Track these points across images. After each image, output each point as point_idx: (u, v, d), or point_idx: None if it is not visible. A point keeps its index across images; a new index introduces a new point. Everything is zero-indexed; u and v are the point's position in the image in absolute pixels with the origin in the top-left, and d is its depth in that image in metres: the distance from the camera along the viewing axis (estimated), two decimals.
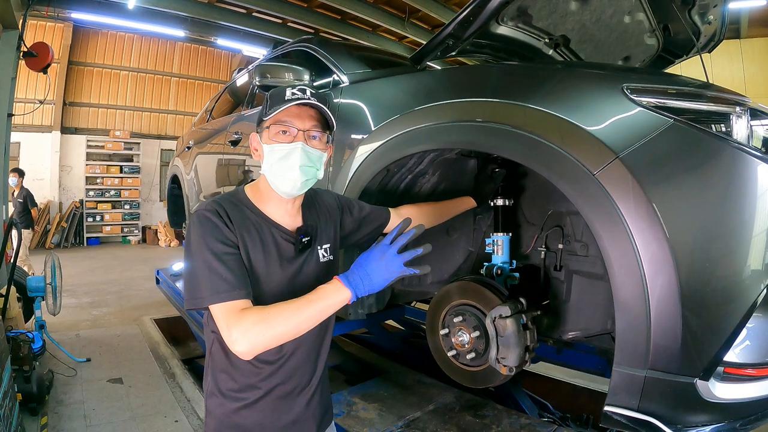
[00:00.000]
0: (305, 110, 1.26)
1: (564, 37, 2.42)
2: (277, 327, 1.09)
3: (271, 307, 1.12)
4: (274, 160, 1.25)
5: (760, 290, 1.23)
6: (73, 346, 4.54)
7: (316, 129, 1.28)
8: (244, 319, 1.09)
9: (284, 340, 1.14)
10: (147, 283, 7.08)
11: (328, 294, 1.14)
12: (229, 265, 1.15)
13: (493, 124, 1.53)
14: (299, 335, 1.16)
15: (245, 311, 1.11)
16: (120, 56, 12.55)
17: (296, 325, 1.11)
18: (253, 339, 1.08)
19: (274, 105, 1.24)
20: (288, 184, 1.25)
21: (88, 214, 12.27)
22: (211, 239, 1.17)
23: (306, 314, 1.12)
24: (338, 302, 1.14)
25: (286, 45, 3.38)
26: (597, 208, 1.29)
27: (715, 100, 1.32)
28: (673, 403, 1.24)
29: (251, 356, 1.13)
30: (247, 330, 1.08)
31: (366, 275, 1.15)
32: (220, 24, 10.52)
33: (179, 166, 5.22)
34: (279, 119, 1.25)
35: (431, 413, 2.38)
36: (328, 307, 1.14)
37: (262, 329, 1.08)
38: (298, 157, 1.24)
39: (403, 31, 10.58)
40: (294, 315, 1.10)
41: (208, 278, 1.13)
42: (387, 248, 1.17)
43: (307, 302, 1.12)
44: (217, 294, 1.12)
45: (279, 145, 1.25)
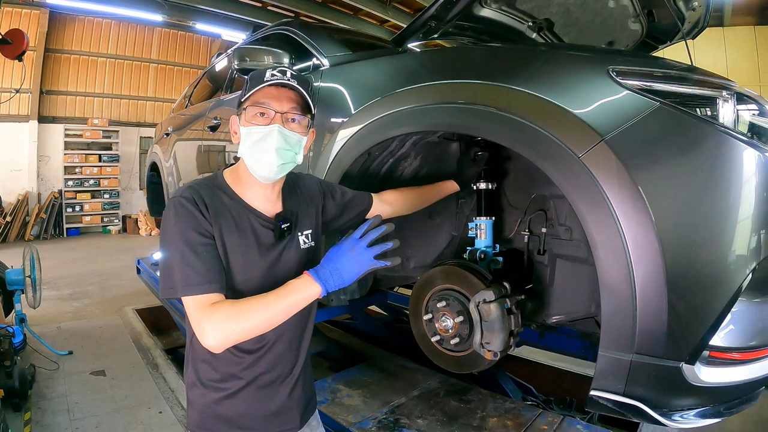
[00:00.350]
0: (284, 92, 1.22)
1: (548, 20, 2.40)
2: (247, 322, 1.09)
3: (242, 302, 1.11)
4: (250, 143, 1.22)
5: (746, 275, 1.23)
6: (55, 339, 4.46)
7: (294, 111, 1.24)
8: (215, 314, 1.08)
9: (255, 334, 1.14)
10: (128, 273, 6.97)
11: (298, 289, 1.13)
12: (203, 257, 1.13)
13: (478, 106, 1.50)
14: (270, 329, 1.15)
15: (216, 305, 1.10)
16: (97, 43, 12.22)
17: (267, 320, 1.11)
18: (224, 333, 1.08)
19: (254, 86, 1.21)
20: (264, 167, 1.22)
21: (67, 205, 12.02)
22: (186, 228, 1.14)
23: (276, 309, 1.12)
24: (308, 297, 1.14)
25: (265, 29, 3.31)
26: (582, 191, 1.27)
27: (702, 84, 1.31)
28: (659, 387, 1.24)
29: (221, 350, 1.12)
30: (218, 324, 1.07)
31: (335, 270, 1.14)
32: (199, 8, 10.30)
33: (158, 154, 5.12)
34: (257, 101, 1.22)
35: (416, 399, 2.38)
36: (298, 302, 1.14)
37: (233, 324, 1.08)
38: (275, 140, 1.20)
39: (385, 14, 10.47)
40: (264, 310, 1.10)
41: (181, 269, 1.12)
42: (357, 242, 1.16)
43: (277, 297, 1.12)
44: (188, 286, 1.11)
45: (256, 127, 1.22)
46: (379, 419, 2.16)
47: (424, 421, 2.14)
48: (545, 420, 2.12)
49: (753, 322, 1.26)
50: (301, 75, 1.25)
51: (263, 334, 1.23)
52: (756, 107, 1.36)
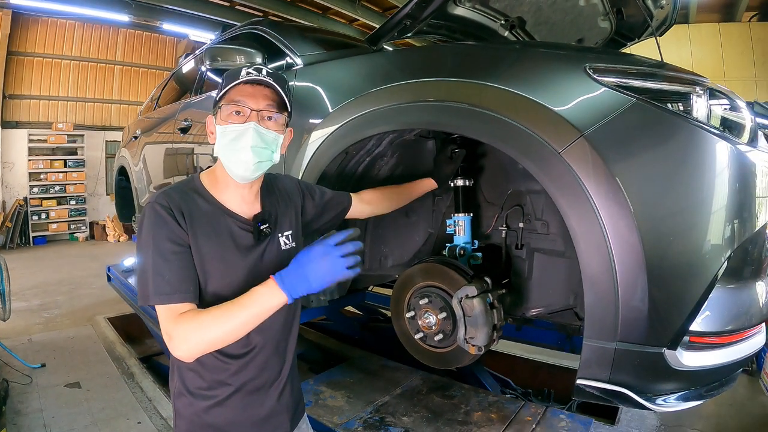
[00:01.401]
0: (259, 90, 1.21)
1: (520, 18, 2.43)
2: (211, 333, 1.07)
3: (207, 312, 1.09)
4: (226, 141, 1.20)
5: (721, 263, 1.28)
6: (26, 351, 4.31)
7: (270, 109, 1.22)
8: (181, 325, 1.08)
9: (223, 344, 1.13)
10: (98, 281, 6.79)
11: (262, 297, 1.10)
12: (174, 266, 1.12)
13: (460, 104, 1.51)
14: (238, 338, 1.13)
15: (182, 316, 1.09)
16: (61, 45, 11.81)
17: (231, 330, 1.09)
18: (191, 345, 1.08)
19: (228, 84, 1.19)
20: (240, 166, 1.20)
21: (33, 212, 11.59)
22: (159, 237, 1.12)
23: (241, 320, 1.09)
24: (273, 306, 1.11)
25: (235, 28, 3.26)
26: (563, 185, 1.30)
27: (676, 80, 1.36)
28: (643, 373, 1.28)
29: (191, 360, 1.13)
30: (185, 337, 1.07)
31: (303, 277, 1.10)
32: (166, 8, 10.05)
33: (126, 157, 5.01)
34: (232, 99, 1.20)
35: (399, 397, 2.39)
36: (262, 311, 1.11)
37: (199, 336, 1.07)
38: (251, 138, 1.19)
39: (354, 13, 10.41)
40: (228, 321, 1.08)
41: (153, 278, 1.11)
42: (331, 250, 1.12)
43: (241, 307, 1.09)
44: (158, 295, 1.10)
45: (231, 126, 1.20)
46: (364, 419, 2.16)
47: (409, 418, 2.15)
48: (528, 411, 2.16)
49: (729, 307, 1.31)
50: (276, 73, 1.23)
51: (249, 338, 1.23)
52: (727, 102, 1.42)
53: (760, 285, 1.45)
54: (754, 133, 1.46)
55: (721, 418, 3.00)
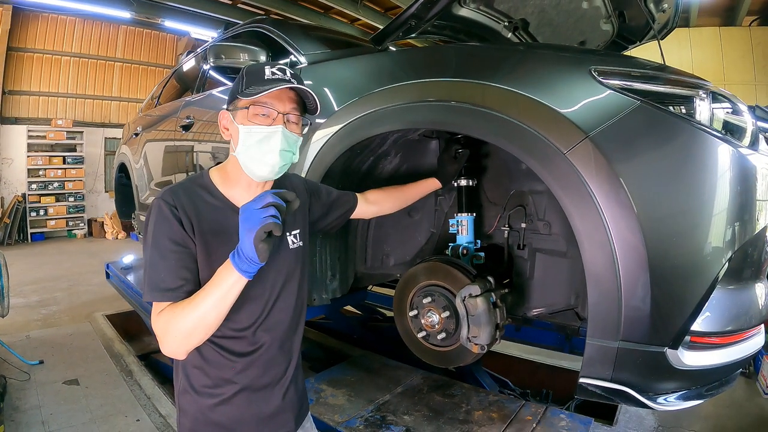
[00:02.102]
0: (285, 91, 1.20)
1: (524, 20, 2.45)
2: (185, 323, 1.06)
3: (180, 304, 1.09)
4: (251, 143, 1.18)
5: (722, 264, 1.29)
6: (24, 348, 4.29)
7: (294, 111, 1.22)
8: (160, 321, 1.09)
9: (200, 336, 1.09)
10: (96, 278, 6.78)
11: (220, 277, 1.07)
12: (169, 264, 1.12)
13: (467, 104, 1.52)
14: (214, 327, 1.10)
15: (161, 313, 1.09)
16: (61, 41, 11.78)
17: (202, 317, 1.06)
18: (171, 339, 1.08)
19: (253, 83, 1.17)
20: (265, 168, 1.20)
21: (31, 209, 11.56)
22: (160, 234, 1.13)
23: (207, 304, 1.06)
24: (231, 282, 1.06)
25: (238, 26, 3.26)
26: (568, 186, 1.32)
27: (680, 84, 1.38)
28: (645, 372, 1.30)
29: (182, 357, 1.14)
30: (165, 330, 1.08)
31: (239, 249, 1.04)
32: (168, 5, 10.03)
33: (127, 154, 4.99)
34: (258, 99, 1.17)
35: (400, 395, 2.40)
36: (224, 291, 1.06)
37: (175, 328, 1.07)
38: (278, 142, 1.18)
39: (356, 13, 10.41)
40: (197, 308, 1.06)
41: (149, 274, 1.12)
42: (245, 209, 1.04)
43: (205, 293, 1.07)
44: (151, 292, 1.11)
45: (258, 128, 1.18)
46: (365, 417, 2.17)
47: (410, 417, 2.16)
48: (529, 411, 2.17)
49: (729, 308, 1.33)
50: (297, 73, 1.23)
51: (256, 336, 1.23)
52: (729, 106, 1.44)
53: (760, 286, 1.47)
54: (755, 136, 1.47)
55: (718, 419, 3.02)
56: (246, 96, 1.17)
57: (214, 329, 1.11)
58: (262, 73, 1.18)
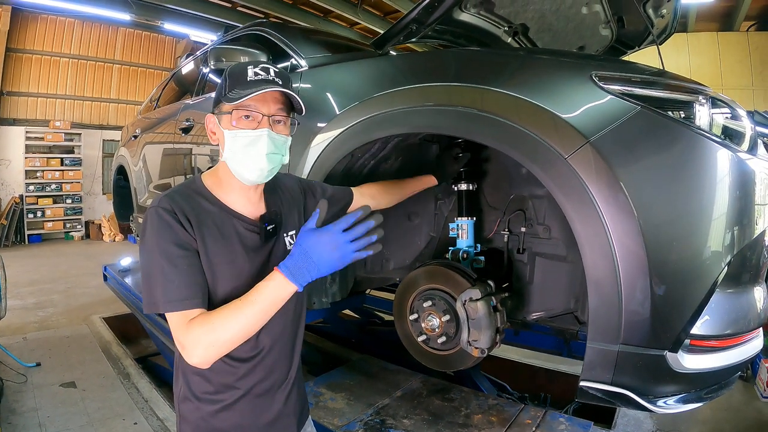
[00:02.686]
0: (269, 92, 1.17)
1: (523, 25, 2.46)
2: (224, 334, 1.04)
3: (216, 314, 1.06)
4: (237, 148, 1.17)
5: (722, 268, 1.31)
6: (21, 350, 4.29)
7: (280, 113, 1.20)
8: (192, 331, 1.05)
9: (236, 344, 1.08)
10: (94, 281, 6.78)
11: (270, 290, 1.07)
12: (182, 271, 1.09)
13: (468, 109, 1.53)
14: (250, 336, 1.11)
15: (192, 321, 1.06)
16: (60, 42, 11.79)
17: (243, 328, 1.06)
18: (204, 351, 1.04)
19: (236, 86, 1.15)
20: (254, 172, 1.18)
21: (28, 210, 11.55)
22: (165, 241, 1.09)
23: (251, 316, 1.06)
24: (283, 297, 1.08)
25: (238, 29, 3.26)
26: (569, 190, 1.33)
27: (680, 89, 1.39)
28: (645, 375, 1.31)
29: (208, 365, 1.08)
30: (197, 342, 1.04)
31: (311, 264, 1.06)
32: (168, 7, 10.04)
33: (125, 156, 4.99)
34: (242, 103, 1.15)
35: (400, 399, 2.39)
36: (272, 305, 1.08)
37: (211, 339, 1.04)
38: (265, 145, 1.16)
39: (355, 17, 10.45)
40: (239, 319, 1.05)
41: (161, 284, 1.08)
42: (339, 236, 1.07)
43: (251, 304, 1.06)
44: (169, 302, 1.07)
45: (243, 131, 1.16)
46: (365, 421, 2.16)
47: (409, 420, 2.16)
48: (528, 414, 2.17)
49: (729, 311, 1.35)
50: (282, 71, 1.21)
51: (258, 341, 1.22)
52: (729, 111, 1.45)
53: (758, 290, 1.48)
54: (753, 141, 1.49)
55: (716, 423, 3.03)
56: (229, 100, 1.15)
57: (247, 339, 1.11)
58: (245, 74, 1.16)
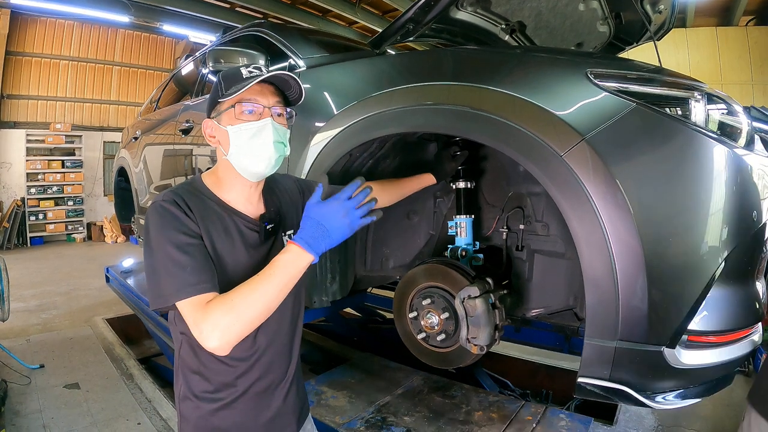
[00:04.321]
0: (266, 87, 1.21)
1: (520, 23, 2.46)
2: (246, 313, 1.02)
3: (233, 294, 1.05)
4: (243, 140, 1.19)
5: (719, 263, 1.31)
6: (25, 352, 4.30)
7: (279, 105, 1.24)
8: (211, 312, 1.02)
9: (255, 325, 1.07)
10: (96, 282, 6.79)
11: (288, 263, 1.07)
12: (194, 256, 1.07)
13: (464, 108, 1.54)
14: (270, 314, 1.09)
15: (210, 304, 1.03)
16: (60, 45, 11.79)
17: (264, 305, 1.05)
18: (225, 331, 1.01)
19: (232, 85, 1.18)
20: (262, 162, 1.20)
21: (30, 213, 11.56)
22: (172, 231, 1.09)
23: (272, 291, 1.05)
24: (301, 268, 1.08)
25: (236, 30, 3.27)
26: (565, 188, 1.33)
27: (675, 86, 1.39)
28: (643, 371, 1.31)
29: (227, 350, 1.04)
30: (217, 323, 1.01)
31: (324, 232, 1.08)
32: (166, 9, 10.05)
33: (126, 158, 5.01)
34: (242, 98, 1.18)
35: (401, 397, 2.41)
36: (291, 277, 1.07)
37: (232, 319, 1.01)
38: (270, 133, 1.19)
39: (354, 16, 10.44)
40: (260, 296, 1.04)
41: (172, 273, 1.06)
42: (346, 203, 1.10)
43: (269, 278, 1.06)
44: (182, 289, 1.05)
45: (247, 124, 1.19)
46: (366, 419, 2.17)
47: (410, 418, 2.17)
48: (529, 411, 2.18)
49: (726, 307, 1.35)
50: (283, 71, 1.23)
51: (255, 339, 1.23)
52: (725, 107, 1.45)
53: (757, 285, 1.48)
54: (750, 136, 1.49)
55: (717, 419, 3.03)
56: (228, 96, 1.17)
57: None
58: (239, 74, 1.19)
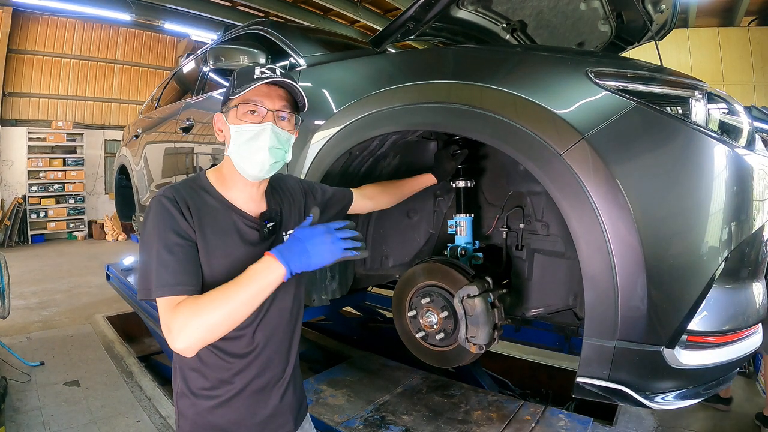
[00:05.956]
0: (275, 90, 1.21)
1: (521, 22, 2.46)
2: (211, 317, 1.03)
3: (203, 298, 1.06)
4: (241, 141, 1.20)
5: (719, 263, 1.30)
6: (25, 350, 4.31)
7: (285, 109, 1.23)
8: (179, 315, 1.03)
9: (223, 330, 1.07)
10: (96, 280, 6.81)
11: (260, 273, 1.07)
12: (178, 257, 1.10)
13: (464, 106, 1.53)
14: (238, 323, 1.09)
15: (180, 305, 1.05)
16: (61, 43, 11.79)
17: (231, 312, 1.05)
18: (190, 333, 1.03)
19: (242, 84, 1.18)
20: (256, 166, 1.21)
21: (31, 210, 11.57)
22: (164, 229, 1.11)
23: (240, 299, 1.05)
24: (272, 281, 1.08)
25: (237, 28, 3.27)
26: (564, 187, 1.33)
27: (676, 85, 1.38)
28: (642, 371, 1.31)
29: (192, 353, 1.07)
30: (183, 326, 1.02)
31: (304, 251, 1.08)
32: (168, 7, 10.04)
33: (127, 156, 5.01)
34: (247, 98, 1.19)
35: (400, 396, 2.40)
36: (261, 288, 1.07)
37: (198, 322, 1.02)
38: (268, 138, 1.19)
39: (355, 15, 10.43)
40: (228, 302, 1.04)
41: (156, 269, 1.08)
42: (333, 231, 1.12)
43: (239, 286, 1.06)
44: (159, 287, 1.07)
45: (247, 126, 1.20)
46: (365, 417, 2.17)
47: (409, 417, 2.17)
48: (528, 411, 2.18)
49: (726, 307, 1.34)
50: (288, 73, 1.23)
51: (253, 337, 1.23)
52: (725, 106, 1.44)
53: (757, 286, 1.47)
54: (751, 136, 1.48)
55: (718, 419, 3.03)
56: (236, 95, 1.18)
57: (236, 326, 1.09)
58: (251, 73, 1.19)
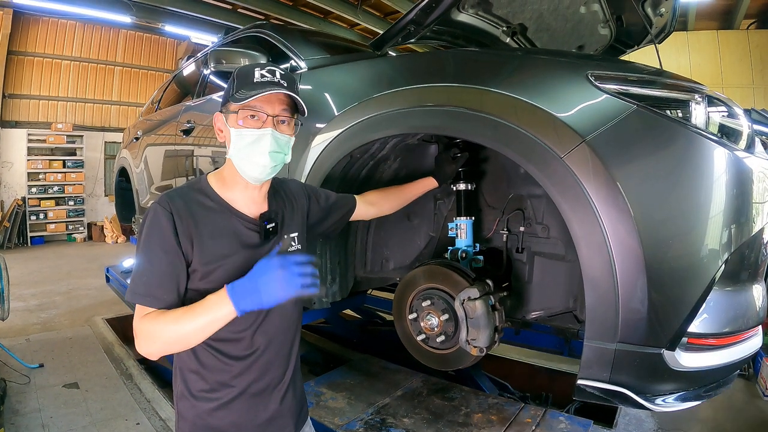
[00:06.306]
0: (274, 94, 1.21)
1: (522, 25, 2.46)
2: (168, 334, 1.09)
3: (168, 314, 1.10)
4: (242, 146, 1.21)
5: (719, 266, 1.31)
6: (24, 352, 4.30)
7: (285, 113, 1.24)
8: (144, 324, 1.10)
9: (179, 348, 1.15)
10: (96, 282, 6.80)
11: (211, 307, 1.08)
12: (155, 269, 1.14)
13: (465, 109, 1.54)
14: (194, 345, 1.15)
15: (148, 315, 1.11)
16: (62, 45, 11.80)
17: (185, 335, 1.09)
18: (150, 345, 1.10)
19: (243, 87, 1.19)
20: (256, 169, 1.22)
21: (31, 212, 11.55)
22: (151, 240, 1.15)
23: (192, 327, 1.08)
24: (221, 317, 1.08)
25: (238, 31, 3.28)
26: (565, 189, 1.34)
27: (676, 88, 1.39)
28: (643, 374, 1.31)
29: (155, 358, 1.15)
30: (145, 335, 1.10)
31: (255, 290, 1.07)
32: (168, 9, 10.07)
33: (127, 158, 5.01)
34: (248, 103, 1.19)
35: (400, 398, 2.40)
36: (211, 322, 1.08)
37: (155, 338, 1.09)
38: (268, 143, 1.20)
39: (355, 18, 10.45)
40: (182, 326, 1.08)
41: (137, 276, 1.14)
42: (290, 264, 1.09)
43: (193, 315, 1.09)
44: (133, 294, 1.14)
45: (248, 130, 1.21)
46: (365, 420, 2.17)
47: (410, 420, 2.17)
48: (528, 413, 2.18)
49: (726, 309, 1.34)
50: (288, 73, 1.24)
51: (253, 340, 1.24)
52: (725, 109, 1.45)
53: (757, 288, 1.48)
54: (751, 139, 1.49)
55: (718, 422, 3.03)
56: (236, 101, 1.19)
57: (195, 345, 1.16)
58: (251, 76, 1.20)
